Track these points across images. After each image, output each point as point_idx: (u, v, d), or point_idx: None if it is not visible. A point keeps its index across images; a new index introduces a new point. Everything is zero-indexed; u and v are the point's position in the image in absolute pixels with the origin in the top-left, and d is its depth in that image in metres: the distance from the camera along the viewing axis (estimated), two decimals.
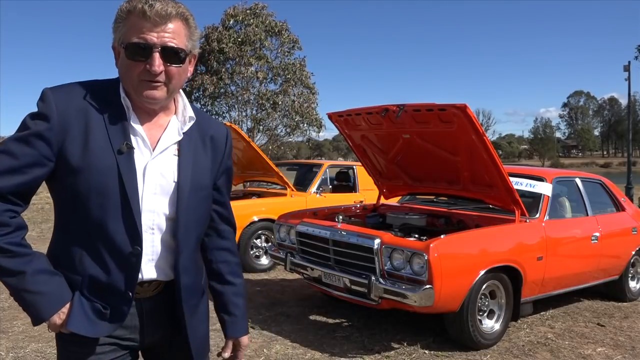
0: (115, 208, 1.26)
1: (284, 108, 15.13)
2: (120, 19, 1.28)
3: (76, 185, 1.24)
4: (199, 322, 1.47)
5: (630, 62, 21.27)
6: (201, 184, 1.39)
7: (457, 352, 3.84)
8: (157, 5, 1.24)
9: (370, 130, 4.75)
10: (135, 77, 1.27)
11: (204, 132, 1.43)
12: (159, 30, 1.25)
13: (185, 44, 1.30)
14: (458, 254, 3.72)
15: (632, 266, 5.55)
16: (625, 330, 4.53)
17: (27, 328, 4.13)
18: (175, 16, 1.27)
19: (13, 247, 1.21)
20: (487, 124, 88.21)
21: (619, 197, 5.64)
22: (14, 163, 1.20)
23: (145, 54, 1.25)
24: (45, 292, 1.23)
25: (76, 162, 1.23)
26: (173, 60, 1.28)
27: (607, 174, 35.30)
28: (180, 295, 1.38)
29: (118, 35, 1.29)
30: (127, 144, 1.27)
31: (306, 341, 4.01)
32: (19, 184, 1.21)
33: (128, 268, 1.29)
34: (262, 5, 14.91)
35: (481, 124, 4.08)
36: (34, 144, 1.21)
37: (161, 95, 1.30)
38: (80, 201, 1.25)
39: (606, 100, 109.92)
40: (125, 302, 1.30)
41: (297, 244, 4.58)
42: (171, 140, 1.36)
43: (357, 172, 7.72)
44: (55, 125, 1.23)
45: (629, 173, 21.23)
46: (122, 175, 1.25)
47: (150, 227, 1.32)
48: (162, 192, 1.33)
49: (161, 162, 1.33)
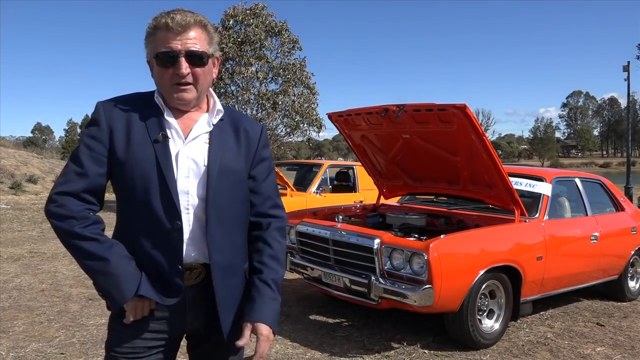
0: (155, 190, 1.43)
1: (284, 108, 15.14)
2: (149, 35, 1.47)
3: (124, 175, 1.44)
4: (236, 307, 1.54)
5: (630, 62, 21.30)
6: (231, 168, 1.52)
7: (457, 352, 3.85)
8: (177, 17, 1.42)
9: (370, 130, 4.75)
10: (167, 82, 1.46)
11: (237, 125, 1.58)
12: (182, 38, 1.43)
13: (206, 48, 1.48)
14: (458, 254, 3.73)
15: (632, 266, 5.55)
16: (625, 329, 4.54)
17: (28, 328, 4.13)
18: (194, 24, 1.45)
19: (96, 235, 1.41)
20: (487, 124, 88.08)
21: (619, 197, 5.65)
22: (79, 169, 1.42)
23: (173, 60, 1.43)
24: (126, 274, 1.42)
25: (122, 155, 1.44)
26: (197, 63, 1.45)
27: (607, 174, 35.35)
28: (213, 274, 1.48)
29: (149, 49, 1.48)
30: (162, 134, 1.46)
31: (306, 341, 4.01)
32: (88, 184, 1.42)
33: (172, 242, 1.44)
34: (262, 6, 14.92)
35: (481, 124, 4.09)
36: (91, 146, 1.44)
37: (191, 96, 1.48)
38: (129, 188, 1.44)
39: (606, 100, 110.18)
40: (176, 274, 1.45)
41: (297, 244, 4.59)
42: (202, 130, 1.51)
43: (357, 172, 7.74)
44: (104, 127, 1.45)
45: (629, 173, 21.25)
46: (159, 161, 1.43)
47: (185, 207, 1.46)
48: (194, 175, 1.48)
49: (193, 149, 1.49)
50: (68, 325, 4.21)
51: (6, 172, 17.29)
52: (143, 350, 1.48)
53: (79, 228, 1.38)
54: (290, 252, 4.58)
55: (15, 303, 4.82)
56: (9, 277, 5.83)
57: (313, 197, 7.06)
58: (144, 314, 1.47)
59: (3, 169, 17.43)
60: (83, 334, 4.01)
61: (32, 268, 6.31)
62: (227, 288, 1.52)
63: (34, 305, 4.76)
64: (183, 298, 1.48)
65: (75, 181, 1.41)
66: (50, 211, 1.40)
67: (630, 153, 23.78)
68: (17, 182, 16.61)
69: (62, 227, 1.39)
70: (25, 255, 7.06)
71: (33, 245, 7.84)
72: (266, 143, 1.64)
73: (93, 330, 4.09)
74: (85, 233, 1.38)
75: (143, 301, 1.45)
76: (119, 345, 1.48)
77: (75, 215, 1.39)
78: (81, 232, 1.38)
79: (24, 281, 5.65)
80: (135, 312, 1.45)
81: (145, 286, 1.43)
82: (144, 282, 1.44)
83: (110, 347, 1.51)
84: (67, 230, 1.38)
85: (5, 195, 15.34)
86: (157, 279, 1.45)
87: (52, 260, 6.73)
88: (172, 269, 1.45)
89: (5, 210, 12.44)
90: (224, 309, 1.50)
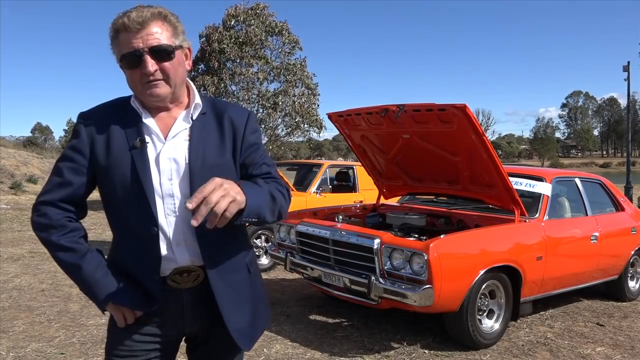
0: (133, 197, 1.41)
1: (285, 108, 15.13)
2: (112, 39, 1.41)
3: (106, 183, 1.44)
4: (240, 304, 1.52)
5: (630, 62, 21.31)
6: (215, 162, 1.45)
7: (457, 352, 3.85)
8: (133, 14, 1.36)
9: (370, 130, 4.75)
10: (138, 83, 1.40)
11: (222, 115, 1.51)
12: (142, 35, 1.37)
13: (171, 40, 1.40)
14: (458, 254, 3.73)
15: (632, 266, 5.56)
16: (625, 329, 4.54)
17: (27, 328, 4.13)
18: (152, 18, 1.38)
19: (71, 244, 1.42)
20: (487, 124, 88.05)
21: (619, 197, 5.65)
22: (60, 179, 1.44)
23: (138, 59, 1.37)
24: (99, 282, 1.43)
25: (103, 163, 1.43)
26: (163, 58, 1.38)
27: (607, 174, 35.32)
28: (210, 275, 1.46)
29: (115, 53, 1.42)
30: (140, 139, 1.42)
31: (306, 341, 4.01)
32: (67, 194, 1.44)
33: (149, 249, 1.42)
34: (263, 5, 14.90)
35: (481, 124, 4.09)
36: (72, 157, 1.44)
37: (164, 91, 1.41)
38: (111, 196, 1.44)
39: (606, 100, 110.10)
40: (153, 283, 1.44)
41: (297, 244, 4.59)
42: (181, 127, 1.46)
43: (357, 172, 7.73)
44: (84, 138, 1.44)
45: (628, 173, 21.25)
46: (137, 167, 1.40)
47: (172, 210, 1.43)
48: (177, 175, 1.43)
49: (173, 149, 1.44)
50: (68, 325, 4.21)
51: (6, 172, 17.28)
52: (142, 352, 1.48)
53: (55, 237, 1.41)
54: (290, 252, 4.58)
55: (15, 303, 4.82)
56: (9, 277, 5.83)
57: (313, 197, 7.05)
58: (130, 320, 1.46)
59: (3, 169, 17.42)
60: (83, 334, 4.02)
61: (32, 268, 6.31)
62: (228, 286, 1.49)
63: (34, 305, 4.76)
64: (180, 300, 1.47)
65: (56, 191, 1.44)
66: (33, 221, 1.45)
67: (630, 153, 23.78)
68: (17, 182, 16.60)
69: (43, 237, 1.43)
70: (25, 255, 7.07)
71: (33, 245, 7.83)
72: (254, 129, 1.54)
73: (93, 330, 4.09)
74: (60, 242, 1.41)
75: (123, 308, 1.44)
76: (118, 348, 1.48)
77: (54, 224, 1.42)
78: (57, 240, 1.41)
79: (24, 281, 5.65)
80: (123, 317, 1.45)
81: (121, 294, 1.43)
82: (120, 289, 1.43)
83: (109, 350, 1.51)
84: (46, 239, 1.43)
85: (5, 195, 15.34)
86: (138, 284, 1.45)
87: (52, 260, 6.62)
88: (149, 276, 1.44)
89: (5, 210, 12.45)
90: (227, 308, 1.47)
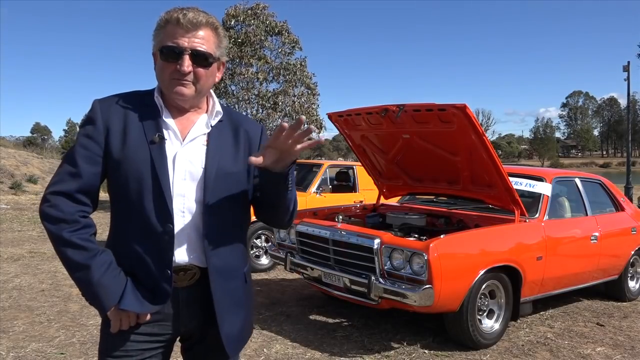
0: (149, 192, 1.40)
1: (285, 108, 15.12)
2: (159, 27, 1.45)
3: (119, 175, 1.42)
4: (234, 310, 1.53)
5: (630, 62, 21.32)
6: (230, 170, 1.49)
7: (457, 352, 3.85)
8: (189, 14, 1.41)
9: (370, 130, 4.75)
10: (167, 76, 1.43)
11: (237, 126, 1.56)
12: (190, 35, 1.41)
13: (213, 50, 1.45)
14: (458, 254, 3.73)
15: (632, 266, 5.56)
16: (625, 329, 4.54)
17: (27, 328, 4.13)
18: (205, 24, 1.43)
19: (82, 242, 1.37)
20: (487, 124, 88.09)
21: (619, 197, 5.65)
22: (73, 169, 1.40)
23: (177, 56, 1.41)
24: (107, 285, 1.38)
25: (117, 155, 1.41)
26: (201, 63, 1.43)
27: (607, 174, 35.34)
28: (211, 277, 1.46)
29: (156, 41, 1.46)
30: (159, 135, 1.43)
31: (306, 341, 4.01)
32: (82, 185, 1.40)
33: (163, 246, 1.41)
34: (263, 6, 14.89)
35: (481, 124, 4.09)
36: (86, 145, 1.41)
37: (189, 92, 1.44)
38: (123, 189, 1.42)
39: (606, 100, 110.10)
40: (164, 279, 1.42)
41: (297, 244, 4.59)
42: (200, 132, 1.49)
43: (357, 172, 7.72)
44: (100, 126, 1.42)
45: (628, 173, 21.26)
46: (154, 162, 1.40)
47: (181, 210, 1.44)
48: (191, 177, 1.45)
49: (190, 151, 1.46)
50: (68, 325, 4.21)
51: (6, 172, 17.30)
52: (136, 352, 1.46)
53: (67, 233, 1.36)
54: (290, 252, 4.58)
55: (15, 303, 4.82)
56: (9, 277, 5.83)
57: (313, 197, 7.05)
58: (130, 324, 1.43)
59: (3, 169, 17.44)
60: (83, 334, 4.01)
61: (32, 268, 6.31)
62: (225, 291, 1.49)
63: (34, 305, 4.76)
64: (176, 299, 1.47)
65: (69, 181, 1.39)
66: (43, 212, 1.39)
67: (630, 153, 23.81)
68: (17, 182, 16.62)
69: (52, 230, 1.37)
70: (25, 255, 7.07)
71: (33, 245, 7.84)
72: None
73: (93, 330, 4.09)
74: (72, 239, 1.36)
75: (127, 313, 1.41)
76: (111, 349, 1.46)
77: (66, 218, 1.36)
78: (68, 237, 1.36)
79: (24, 281, 5.65)
80: (121, 323, 1.42)
81: (128, 298, 1.40)
82: (127, 293, 1.40)
83: (102, 351, 1.48)
84: (56, 234, 1.36)
85: (5, 195, 15.35)
86: (145, 282, 1.43)
87: (52, 260, 6.72)
88: (161, 274, 1.42)
89: (5, 210, 12.45)
90: (222, 309, 1.48)
